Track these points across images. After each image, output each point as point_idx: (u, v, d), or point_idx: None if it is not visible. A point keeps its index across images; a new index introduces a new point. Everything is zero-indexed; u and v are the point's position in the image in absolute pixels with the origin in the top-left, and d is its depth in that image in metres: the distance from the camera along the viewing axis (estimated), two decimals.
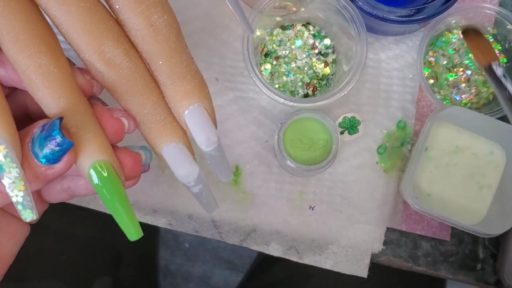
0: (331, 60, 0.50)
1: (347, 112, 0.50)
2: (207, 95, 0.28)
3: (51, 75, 0.24)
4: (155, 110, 0.27)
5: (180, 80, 0.27)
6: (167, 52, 0.26)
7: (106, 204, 0.25)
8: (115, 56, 0.25)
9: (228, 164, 0.31)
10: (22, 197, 0.24)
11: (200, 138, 0.28)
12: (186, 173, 0.28)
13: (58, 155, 0.24)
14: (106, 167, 0.25)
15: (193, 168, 0.28)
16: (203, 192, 0.29)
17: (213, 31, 0.51)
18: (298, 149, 0.47)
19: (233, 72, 0.51)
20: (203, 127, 0.27)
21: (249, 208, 0.50)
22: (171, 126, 0.27)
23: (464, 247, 0.51)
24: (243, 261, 1.13)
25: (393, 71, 0.51)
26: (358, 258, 0.50)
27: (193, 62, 0.28)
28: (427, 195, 0.48)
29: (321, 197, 0.50)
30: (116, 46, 0.25)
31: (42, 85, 0.24)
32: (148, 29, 0.26)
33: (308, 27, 0.50)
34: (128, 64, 0.26)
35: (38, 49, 0.24)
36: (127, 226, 0.26)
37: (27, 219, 0.24)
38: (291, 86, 0.49)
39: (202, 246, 1.13)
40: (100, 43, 0.25)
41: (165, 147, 0.27)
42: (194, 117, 0.27)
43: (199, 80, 0.28)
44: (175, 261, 1.13)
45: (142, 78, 0.26)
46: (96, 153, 0.25)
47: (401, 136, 0.50)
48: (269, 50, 0.50)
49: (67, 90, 0.25)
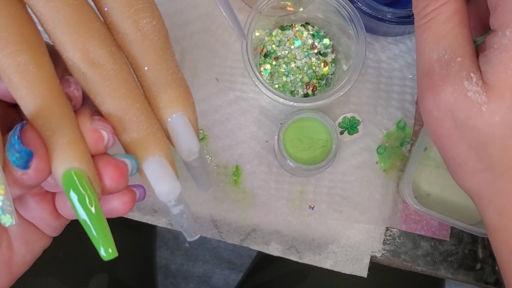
0: (330, 60, 0.50)
1: (347, 112, 0.51)
2: (191, 105, 0.27)
3: (30, 74, 0.23)
4: (138, 118, 0.25)
5: (164, 87, 0.26)
6: (153, 59, 0.26)
7: (77, 216, 0.24)
8: (99, 56, 0.24)
9: (208, 177, 0.30)
10: (1, 201, 0.23)
11: (181, 147, 0.27)
12: (167, 191, 0.26)
13: (23, 161, 0.23)
14: (78, 176, 0.23)
15: (175, 186, 0.26)
16: (184, 214, 0.28)
17: (214, 32, 0.51)
18: (298, 149, 0.47)
19: (233, 73, 0.51)
20: (185, 137, 0.27)
21: (249, 208, 0.50)
22: (154, 137, 0.26)
23: (464, 247, 0.51)
24: (243, 261, 1.13)
25: (393, 71, 0.51)
26: (358, 257, 0.50)
27: (179, 70, 0.27)
28: (427, 195, 0.48)
29: (321, 197, 0.50)
30: (101, 47, 0.24)
31: (21, 85, 0.23)
32: (135, 33, 0.25)
33: (307, 27, 0.50)
34: (113, 66, 0.25)
35: (18, 47, 0.23)
36: (97, 244, 0.24)
37: (6, 224, 0.23)
38: (291, 86, 0.50)
39: (202, 246, 1.14)
40: (85, 41, 0.24)
41: (146, 160, 0.25)
42: (176, 126, 0.27)
43: (184, 89, 0.27)
44: (175, 261, 1.13)
45: (126, 82, 0.25)
46: (69, 159, 0.24)
47: (401, 136, 0.51)
48: (269, 50, 0.50)
49: (45, 91, 0.24)
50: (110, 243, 0.24)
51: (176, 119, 0.26)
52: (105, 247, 0.24)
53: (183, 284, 1.13)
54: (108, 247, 0.24)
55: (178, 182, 0.26)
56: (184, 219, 0.28)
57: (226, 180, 0.50)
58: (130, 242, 0.65)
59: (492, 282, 0.51)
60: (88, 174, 0.24)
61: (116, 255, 0.24)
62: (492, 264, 0.51)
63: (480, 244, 0.51)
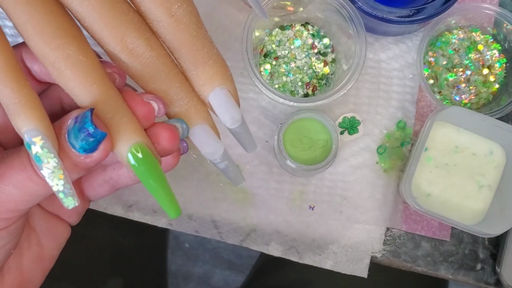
0: (330, 60, 0.50)
1: (347, 112, 0.51)
2: (229, 77, 0.30)
3: (80, 64, 0.25)
4: (178, 95, 0.28)
5: (202, 66, 0.28)
6: (189, 41, 0.27)
7: (146, 185, 0.26)
8: (138, 46, 0.26)
9: (252, 138, 0.33)
10: (62, 185, 0.24)
11: (225, 117, 0.29)
12: (212, 151, 0.29)
13: (93, 145, 0.25)
14: (142, 149, 0.26)
15: (218, 146, 0.29)
16: (230, 167, 0.31)
17: (214, 32, 0.51)
18: (298, 149, 0.47)
19: (233, 72, 0.50)
20: (227, 108, 0.29)
21: (249, 208, 0.50)
22: (195, 109, 0.28)
23: (464, 247, 0.51)
24: (243, 261, 1.13)
25: (393, 71, 0.51)
26: (358, 258, 0.50)
27: (214, 46, 0.29)
28: (427, 195, 0.48)
29: (321, 197, 0.50)
30: (138, 37, 0.26)
31: (73, 75, 0.25)
32: (169, 19, 0.27)
33: (307, 27, 0.50)
34: (151, 53, 0.26)
35: (64, 40, 0.24)
36: (167, 205, 0.27)
37: (69, 206, 0.25)
38: (291, 86, 0.49)
39: (202, 246, 1.13)
40: (122, 35, 0.26)
41: (191, 129, 0.29)
42: (218, 99, 0.29)
43: (220, 64, 0.29)
44: (175, 261, 1.13)
45: (165, 66, 0.27)
46: (132, 136, 0.26)
47: (401, 136, 0.50)
48: (268, 50, 0.50)
49: (97, 78, 0.25)
50: (176, 203, 0.27)
51: (217, 93, 0.29)
52: (173, 207, 0.27)
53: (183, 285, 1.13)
54: (174, 206, 0.27)
55: (221, 143, 0.30)
56: (230, 171, 0.32)
57: (226, 180, 0.50)
58: (143, 245, 0.65)
59: (493, 282, 0.50)
60: (148, 145, 0.26)
61: (181, 213, 0.27)
62: (493, 264, 0.50)
63: (480, 244, 0.51)
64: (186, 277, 1.13)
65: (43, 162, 0.24)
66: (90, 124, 0.24)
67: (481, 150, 0.48)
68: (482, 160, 0.48)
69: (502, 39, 0.50)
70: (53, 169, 0.24)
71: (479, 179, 0.48)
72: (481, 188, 0.48)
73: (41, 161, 0.24)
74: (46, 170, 0.24)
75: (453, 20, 0.49)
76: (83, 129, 0.24)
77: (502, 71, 0.50)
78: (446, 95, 0.50)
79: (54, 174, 0.24)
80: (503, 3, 0.51)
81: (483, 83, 0.50)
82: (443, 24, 0.48)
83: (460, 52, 0.50)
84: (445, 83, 0.50)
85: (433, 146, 0.48)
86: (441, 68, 0.50)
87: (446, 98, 0.50)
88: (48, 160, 0.24)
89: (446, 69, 0.50)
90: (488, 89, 0.50)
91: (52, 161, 0.24)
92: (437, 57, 0.50)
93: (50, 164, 0.24)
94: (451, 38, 0.50)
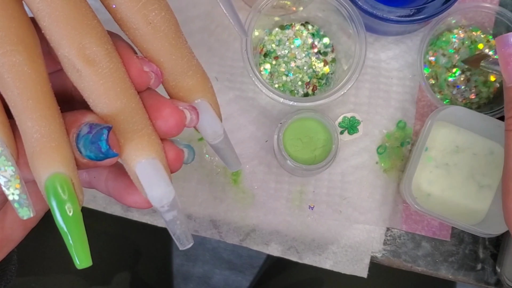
0: (330, 59, 0.50)
1: (347, 112, 0.50)
2: (210, 89, 0.28)
3: (24, 75, 0.23)
4: (132, 118, 0.25)
5: (181, 76, 0.27)
6: (167, 49, 0.26)
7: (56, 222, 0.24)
8: (95, 54, 0.24)
9: (236, 155, 0.31)
10: (18, 195, 0.23)
11: (206, 131, 0.28)
12: (160, 195, 0.25)
13: (101, 158, 0.24)
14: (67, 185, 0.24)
15: (168, 190, 0.25)
16: (177, 220, 0.26)
17: (214, 31, 0.51)
18: (298, 149, 0.47)
19: (233, 72, 0.51)
20: (208, 121, 0.27)
21: (249, 208, 0.50)
22: (149, 138, 0.25)
23: (464, 247, 0.51)
24: (243, 261, 1.13)
25: (393, 71, 0.51)
26: (358, 258, 0.50)
27: (193, 57, 0.27)
28: (427, 195, 0.48)
29: (321, 197, 0.50)
30: (97, 44, 0.24)
31: (13, 84, 0.23)
32: (146, 27, 0.25)
33: (307, 26, 0.50)
34: (108, 65, 0.24)
35: (14, 47, 0.23)
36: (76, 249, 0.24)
37: (24, 217, 0.24)
38: (291, 85, 0.49)
39: (202, 246, 1.13)
40: (81, 38, 0.24)
41: (139, 162, 0.25)
42: (199, 112, 0.27)
43: (200, 75, 0.27)
44: (175, 261, 1.13)
45: (122, 81, 0.25)
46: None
47: (401, 136, 0.50)
48: (268, 50, 0.50)
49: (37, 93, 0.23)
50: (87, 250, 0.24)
51: (198, 106, 0.27)
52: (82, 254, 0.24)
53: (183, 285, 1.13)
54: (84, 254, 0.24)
55: (172, 186, 0.26)
56: (177, 225, 0.27)
57: (226, 180, 0.50)
58: (151, 239, 0.65)
59: (493, 282, 0.50)
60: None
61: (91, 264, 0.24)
62: (493, 264, 0.50)
63: (481, 244, 0.51)
64: (186, 277, 1.13)
65: (0, 170, 0.23)
66: (104, 143, 0.23)
67: (481, 150, 0.48)
68: (482, 160, 0.48)
69: None
70: (9, 177, 0.23)
71: (479, 179, 0.48)
72: (481, 188, 0.48)
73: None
74: (2, 178, 0.23)
75: (453, 20, 0.49)
76: (96, 144, 0.23)
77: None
78: (446, 95, 0.50)
79: (10, 183, 0.23)
80: (503, 3, 0.51)
81: (483, 83, 0.50)
82: (444, 24, 0.48)
83: (461, 52, 0.50)
84: (446, 82, 0.50)
85: (434, 146, 0.48)
86: (441, 67, 0.50)
87: (447, 98, 0.50)
88: (5, 168, 0.23)
89: (447, 69, 0.50)
90: (488, 89, 0.50)
91: (9, 170, 0.23)
92: (438, 57, 0.50)
93: (7, 172, 0.23)
94: (451, 37, 0.50)
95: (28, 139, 0.23)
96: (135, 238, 0.61)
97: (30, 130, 0.23)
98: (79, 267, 0.24)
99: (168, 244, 0.72)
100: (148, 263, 0.65)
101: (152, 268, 0.65)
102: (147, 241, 0.65)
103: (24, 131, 0.23)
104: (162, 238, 0.69)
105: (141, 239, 0.63)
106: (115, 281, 0.58)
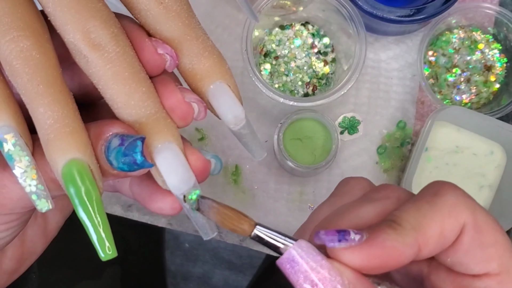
0: (330, 59, 0.50)
1: (347, 112, 0.50)
2: (227, 71, 0.26)
3: (32, 60, 0.22)
4: (144, 102, 0.24)
5: (197, 57, 0.25)
6: (181, 30, 0.25)
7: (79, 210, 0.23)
8: (101, 37, 0.23)
9: (259, 141, 0.29)
10: (35, 186, 0.22)
11: (227, 116, 0.26)
12: (179, 182, 0.24)
13: (134, 170, 0.23)
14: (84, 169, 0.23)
15: (189, 176, 0.24)
16: (199, 214, 0.26)
17: (213, 31, 0.51)
18: (298, 149, 0.47)
19: (233, 72, 0.51)
20: (229, 105, 0.26)
21: (249, 208, 0.50)
22: (164, 122, 0.24)
23: None
24: (243, 261, 1.13)
25: (393, 71, 0.51)
26: None
27: (208, 37, 0.26)
28: None
29: (321, 197, 0.50)
30: (103, 27, 0.23)
31: (23, 71, 0.22)
32: (158, 7, 0.24)
33: (307, 27, 0.50)
34: (115, 48, 0.23)
35: (21, 33, 0.22)
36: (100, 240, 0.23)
37: (43, 209, 0.23)
38: (291, 85, 0.49)
39: (202, 246, 1.13)
40: (86, 22, 0.23)
41: (156, 147, 0.24)
42: (217, 96, 0.26)
43: (217, 56, 0.26)
44: (175, 261, 1.13)
45: (130, 65, 0.23)
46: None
47: (401, 136, 0.50)
48: (268, 50, 0.50)
49: (49, 78, 0.23)
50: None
51: (216, 88, 0.26)
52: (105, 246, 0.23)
53: (183, 285, 1.13)
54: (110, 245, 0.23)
55: (192, 172, 0.24)
56: (199, 214, 0.26)
57: (226, 180, 0.50)
58: (143, 235, 0.65)
59: None
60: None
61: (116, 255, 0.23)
62: None
63: None
64: (186, 277, 1.13)
65: (15, 160, 0.22)
66: (139, 155, 0.22)
67: (481, 150, 0.48)
68: (482, 160, 0.48)
69: (503, 39, 0.49)
70: (25, 168, 0.22)
71: (479, 179, 0.48)
72: (481, 188, 0.48)
73: (13, 160, 0.22)
74: (18, 169, 0.22)
75: (453, 20, 0.49)
76: (130, 156, 0.22)
77: (503, 71, 0.50)
78: (446, 95, 0.50)
79: (27, 174, 0.22)
80: (503, 3, 0.51)
81: (483, 83, 0.50)
82: (444, 24, 0.48)
83: (461, 52, 0.50)
84: (446, 82, 0.50)
85: (434, 146, 0.48)
86: (441, 67, 0.50)
87: (447, 98, 0.50)
88: (20, 159, 0.22)
89: (447, 69, 0.50)
90: (488, 89, 0.50)
91: (24, 160, 0.22)
92: (438, 57, 0.50)
93: (23, 163, 0.22)
94: (451, 37, 0.50)
95: (41, 127, 0.22)
96: (125, 232, 0.61)
97: (43, 116, 0.22)
98: (103, 259, 0.23)
99: (162, 237, 0.72)
100: (140, 259, 0.64)
101: (143, 264, 0.65)
102: (140, 235, 0.65)
103: (37, 119, 0.22)
104: (152, 234, 0.69)
105: (133, 233, 0.63)
106: (106, 275, 0.58)
